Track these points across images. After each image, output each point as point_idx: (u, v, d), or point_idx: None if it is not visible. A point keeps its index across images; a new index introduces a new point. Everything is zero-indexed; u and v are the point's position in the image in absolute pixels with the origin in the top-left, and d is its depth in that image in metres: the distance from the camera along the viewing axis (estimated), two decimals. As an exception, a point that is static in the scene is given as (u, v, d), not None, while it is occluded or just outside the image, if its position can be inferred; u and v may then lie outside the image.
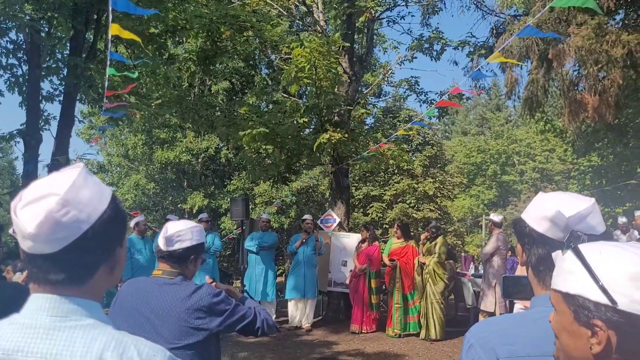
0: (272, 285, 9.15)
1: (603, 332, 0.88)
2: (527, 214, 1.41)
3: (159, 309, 2.11)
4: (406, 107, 20.29)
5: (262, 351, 7.43)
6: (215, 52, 10.57)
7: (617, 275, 0.88)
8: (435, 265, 7.94)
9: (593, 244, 0.96)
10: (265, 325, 2.31)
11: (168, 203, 20.68)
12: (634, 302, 0.86)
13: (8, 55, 8.70)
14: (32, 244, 0.98)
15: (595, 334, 0.89)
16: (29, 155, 8.65)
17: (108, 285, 1.13)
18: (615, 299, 0.86)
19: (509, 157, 27.08)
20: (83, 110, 19.69)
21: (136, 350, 1.01)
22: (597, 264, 0.90)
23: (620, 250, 0.91)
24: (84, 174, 1.04)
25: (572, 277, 0.94)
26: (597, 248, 0.94)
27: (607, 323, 0.87)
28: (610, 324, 0.87)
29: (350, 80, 10.42)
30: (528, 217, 1.39)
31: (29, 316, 1.01)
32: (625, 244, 0.94)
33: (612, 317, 0.87)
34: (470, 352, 1.37)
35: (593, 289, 0.89)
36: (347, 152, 9.80)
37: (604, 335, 0.88)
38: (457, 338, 8.18)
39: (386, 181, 18.76)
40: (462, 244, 20.32)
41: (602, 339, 0.88)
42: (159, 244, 2.20)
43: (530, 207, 1.42)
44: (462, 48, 10.83)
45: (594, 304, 0.89)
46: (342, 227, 10.20)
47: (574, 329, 0.94)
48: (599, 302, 0.88)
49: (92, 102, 10.65)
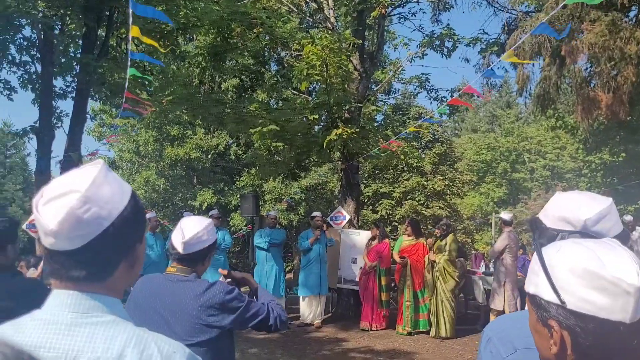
0: (281, 281, 9.18)
1: (557, 333, 0.88)
2: (544, 214, 1.41)
3: (172, 306, 2.12)
4: (416, 104, 20.22)
5: (272, 347, 7.46)
6: (225, 48, 10.59)
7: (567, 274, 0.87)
8: (445, 263, 7.92)
9: (558, 242, 0.96)
10: (278, 321, 2.31)
11: (178, 199, 20.74)
12: (580, 301, 0.85)
13: (21, 52, 8.76)
14: (54, 240, 0.99)
15: (551, 335, 0.89)
16: (42, 151, 8.72)
17: (128, 282, 1.14)
18: (563, 298, 0.86)
19: (520, 155, 26.88)
20: (94, 108, 19.78)
21: (156, 347, 1.01)
22: (552, 263, 0.90)
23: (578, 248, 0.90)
24: (104, 171, 1.05)
25: (534, 277, 0.94)
26: (557, 246, 0.93)
27: (560, 323, 0.87)
28: (563, 324, 0.87)
29: (361, 77, 10.40)
30: (545, 217, 1.39)
31: (51, 312, 1.02)
32: (591, 240, 0.93)
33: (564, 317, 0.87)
34: (489, 345, 1.38)
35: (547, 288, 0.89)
36: (357, 149, 9.78)
37: (557, 336, 0.88)
38: (468, 336, 8.17)
39: (395, 178, 18.70)
40: (471, 242, 20.21)
41: (556, 340, 0.88)
42: (175, 247, 2.21)
43: (547, 206, 1.42)
44: (473, 45, 10.76)
45: (547, 303, 0.89)
46: (352, 224, 10.19)
47: (539, 329, 0.94)
48: (551, 302, 0.88)
49: (103, 99, 10.71)
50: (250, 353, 7.11)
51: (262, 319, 2.24)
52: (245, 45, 10.65)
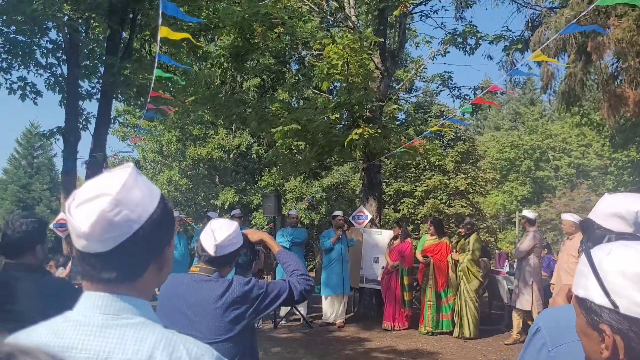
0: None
1: (609, 338, 0.86)
2: (594, 214, 1.43)
3: (195, 306, 2.15)
4: (437, 102, 20.07)
5: (295, 347, 7.48)
6: (247, 49, 10.64)
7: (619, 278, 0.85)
8: (469, 263, 7.84)
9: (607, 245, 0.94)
10: (304, 293, 2.34)
11: (201, 199, 20.93)
12: (634, 305, 0.83)
13: (48, 55, 8.93)
14: (86, 242, 1.01)
15: (602, 339, 0.88)
16: (68, 152, 8.88)
17: (157, 284, 1.15)
18: (616, 302, 0.84)
19: (544, 153, 26.50)
20: (118, 109, 20.06)
21: (185, 349, 1.02)
22: (603, 266, 0.88)
23: (629, 251, 0.88)
24: (134, 175, 1.06)
25: (583, 280, 0.92)
26: (607, 249, 0.92)
27: (613, 328, 0.85)
28: (615, 329, 0.85)
29: (382, 76, 10.36)
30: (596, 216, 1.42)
31: (83, 313, 1.03)
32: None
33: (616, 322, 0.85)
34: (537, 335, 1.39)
35: (598, 292, 0.87)
36: (379, 148, 9.74)
37: (609, 341, 0.86)
38: (492, 336, 8.08)
39: (417, 177, 18.60)
40: (494, 241, 20.00)
41: (608, 345, 0.86)
42: (206, 249, 2.23)
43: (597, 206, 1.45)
44: (496, 42, 10.63)
45: (599, 307, 0.87)
46: (374, 223, 10.16)
47: (589, 332, 0.92)
48: (603, 306, 0.87)
49: (127, 100, 10.86)
50: (273, 352, 7.13)
51: (286, 297, 2.28)
52: (267, 46, 10.69)
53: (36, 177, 28.81)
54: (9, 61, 8.64)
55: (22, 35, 8.48)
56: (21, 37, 8.50)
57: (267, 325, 8.80)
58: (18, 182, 28.21)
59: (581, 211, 17.57)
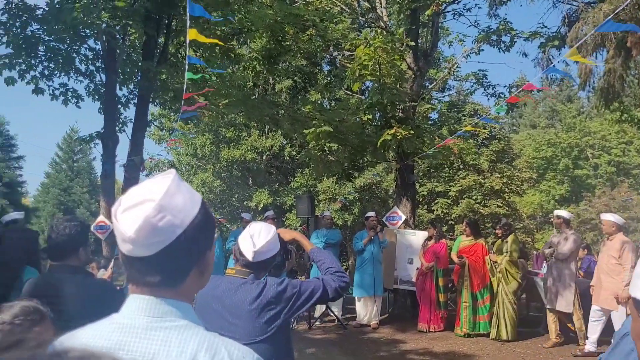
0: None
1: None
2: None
3: (232, 307, 2.18)
4: (471, 101, 19.79)
5: (329, 347, 7.49)
6: (279, 51, 10.72)
7: None
8: (507, 264, 7.70)
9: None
10: (339, 290, 2.35)
11: (234, 200, 21.16)
12: None
13: (87, 62, 9.19)
14: (132, 247, 1.04)
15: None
16: (107, 156, 9.11)
17: (198, 288, 1.18)
18: None
19: (582, 151, 25.84)
20: (154, 113, 20.45)
21: (227, 351, 1.05)
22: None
23: None
24: (176, 181, 1.09)
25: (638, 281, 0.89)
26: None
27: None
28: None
29: (415, 76, 10.28)
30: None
31: (128, 316, 1.07)
32: None
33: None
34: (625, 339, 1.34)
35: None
36: (412, 149, 9.67)
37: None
38: (530, 339, 7.92)
39: (451, 177, 18.38)
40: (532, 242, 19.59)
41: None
42: (244, 254, 2.26)
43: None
44: (532, 39, 10.41)
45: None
46: (408, 224, 10.08)
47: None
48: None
49: (163, 105, 11.07)
50: (308, 353, 7.16)
51: (320, 295, 2.29)
52: (298, 47, 10.74)
53: (76, 180, 29.61)
54: (50, 69, 8.94)
55: (62, 44, 8.75)
56: (61, 46, 8.77)
57: (302, 326, 8.83)
58: (59, 185, 29.05)
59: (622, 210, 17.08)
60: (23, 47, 8.30)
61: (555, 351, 7.26)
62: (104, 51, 8.97)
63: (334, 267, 2.40)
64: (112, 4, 8.04)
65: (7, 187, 22.88)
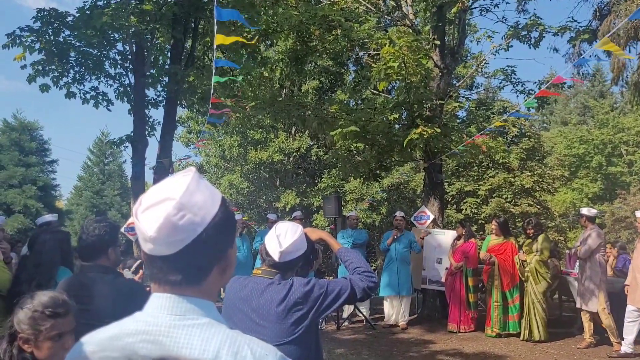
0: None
1: None
2: None
3: (259, 308, 2.17)
4: (500, 99, 19.50)
5: (359, 348, 7.46)
6: (305, 52, 10.75)
7: None
8: (537, 264, 7.56)
9: None
10: (367, 290, 2.31)
11: (262, 202, 21.28)
12: None
13: (116, 66, 9.35)
14: (153, 246, 1.04)
15: None
16: (137, 158, 9.24)
17: (221, 285, 1.18)
18: None
19: (616, 147, 25.16)
20: (182, 116, 20.71)
21: (249, 349, 1.04)
22: None
23: None
24: (196, 179, 1.09)
25: None
26: None
27: None
28: None
29: (442, 74, 10.17)
30: None
31: (151, 314, 1.07)
32: None
33: None
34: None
35: None
36: (440, 148, 9.57)
37: None
38: (563, 340, 7.76)
39: (480, 176, 18.12)
40: (564, 241, 19.18)
41: None
42: (270, 254, 2.25)
43: None
44: (562, 34, 10.19)
45: None
46: (436, 223, 9.98)
47: None
48: None
49: (191, 107, 11.19)
50: (337, 353, 7.15)
51: (348, 295, 2.25)
52: (324, 48, 10.74)
53: (108, 183, 30.19)
54: (81, 73, 9.13)
55: (92, 48, 8.93)
56: (92, 50, 8.95)
57: (331, 326, 8.83)
58: (92, 188, 29.66)
59: (659, 208, 16.59)
60: (55, 54, 8.48)
61: (589, 352, 7.09)
62: (132, 54, 9.11)
63: (362, 267, 2.37)
64: (140, 8, 8.16)
65: (42, 191, 23.47)
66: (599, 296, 6.99)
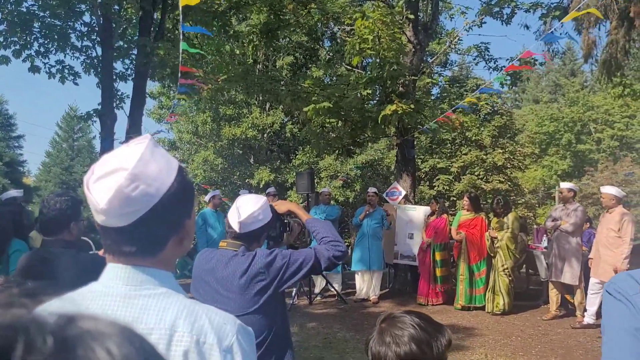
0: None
1: None
2: None
3: (223, 280, 2.18)
4: (473, 76, 19.64)
5: (330, 322, 7.54)
6: (278, 25, 10.60)
7: None
8: (508, 241, 7.69)
9: None
10: (333, 259, 2.28)
11: (236, 178, 21.18)
12: None
13: (82, 38, 9.08)
14: (104, 217, 1.01)
15: None
16: (105, 133, 9.07)
17: (178, 256, 1.15)
18: None
19: (585, 125, 25.66)
20: (153, 91, 20.35)
21: (207, 318, 1.03)
22: None
23: None
24: (151, 147, 1.04)
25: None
26: None
27: None
28: None
29: (415, 50, 10.15)
30: None
31: (107, 284, 1.05)
32: None
33: None
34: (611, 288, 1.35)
35: None
36: (413, 124, 9.61)
37: None
38: (529, 311, 7.98)
39: (453, 153, 18.34)
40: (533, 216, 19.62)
41: None
42: (232, 225, 2.25)
43: None
44: (533, 11, 10.25)
45: None
46: (408, 199, 10.07)
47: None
48: None
49: (162, 80, 10.99)
50: (309, 327, 7.22)
51: (312, 265, 2.23)
52: (298, 22, 10.62)
53: (77, 159, 29.67)
54: (46, 45, 8.86)
55: (57, 19, 8.65)
56: (56, 21, 8.67)
57: (303, 301, 8.90)
58: (61, 164, 29.13)
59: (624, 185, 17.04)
60: (17, 24, 8.20)
61: (554, 323, 7.30)
62: (99, 26, 8.86)
63: (328, 237, 2.35)
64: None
65: (8, 167, 22.94)
66: (578, 269, 7.14)
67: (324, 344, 6.35)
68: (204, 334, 1.01)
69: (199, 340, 1.01)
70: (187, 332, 1.00)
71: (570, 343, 6.34)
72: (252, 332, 1.11)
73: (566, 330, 6.96)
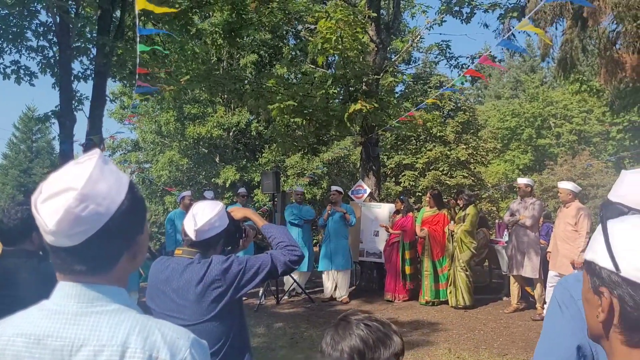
0: (309, 256, 9.16)
1: (606, 300, 0.88)
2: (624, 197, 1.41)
3: (179, 289, 2.16)
4: (437, 73, 19.89)
5: (297, 321, 7.57)
6: (240, 24, 10.54)
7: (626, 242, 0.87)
8: (462, 234, 7.88)
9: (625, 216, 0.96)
10: (289, 264, 2.30)
11: (202, 178, 20.96)
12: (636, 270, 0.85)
13: (39, 37, 8.82)
14: (54, 238, 1.00)
15: (600, 303, 0.90)
16: (64, 135, 8.84)
17: (131, 270, 1.15)
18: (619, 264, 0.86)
19: (545, 120, 26.27)
20: (114, 91, 19.96)
21: (160, 333, 1.03)
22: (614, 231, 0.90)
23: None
24: (100, 165, 1.03)
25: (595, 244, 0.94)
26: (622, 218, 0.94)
27: (611, 291, 0.88)
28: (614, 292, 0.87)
29: (378, 49, 10.24)
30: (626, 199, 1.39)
31: (58, 302, 1.04)
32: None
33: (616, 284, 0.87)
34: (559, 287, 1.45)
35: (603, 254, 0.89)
36: (377, 122, 9.70)
37: (606, 303, 0.88)
38: (491, 305, 8.17)
39: (418, 149, 18.56)
40: (496, 210, 20.02)
41: (605, 307, 0.89)
42: (187, 233, 2.23)
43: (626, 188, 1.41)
44: (492, 11, 10.47)
45: (602, 269, 0.89)
46: (373, 197, 10.17)
47: (590, 297, 0.94)
48: (605, 268, 0.89)
49: (121, 80, 10.78)
50: (276, 327, 7.22)
51: (268, 271, 2.24)
52: (260, 21, 10.58)
53: (36, 161, 28.87)
54: (0, 45, 8.58)
55: (12, 18, 8.39)
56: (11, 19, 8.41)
57: (270, 301, 8.89)
58: (19, 166, 28.29)
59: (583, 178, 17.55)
60: (-31, 23, 7.94)
61: (515, 316, 7.50)
62: (55, 25, 8.62)
63: (284, 242, 2.37)
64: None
65: (-36, 170, 22.15)
66: (537, 263, 7.35)
67: (290, 344, 6.37)
68: (157, 349, 1.01)
69: (151, 356, 1.00)
70: (139, 349, 1.00)
71: (531, 335, 6.52)
72: (206, 345, 1.12)
73: (527, 322, 7.15)
